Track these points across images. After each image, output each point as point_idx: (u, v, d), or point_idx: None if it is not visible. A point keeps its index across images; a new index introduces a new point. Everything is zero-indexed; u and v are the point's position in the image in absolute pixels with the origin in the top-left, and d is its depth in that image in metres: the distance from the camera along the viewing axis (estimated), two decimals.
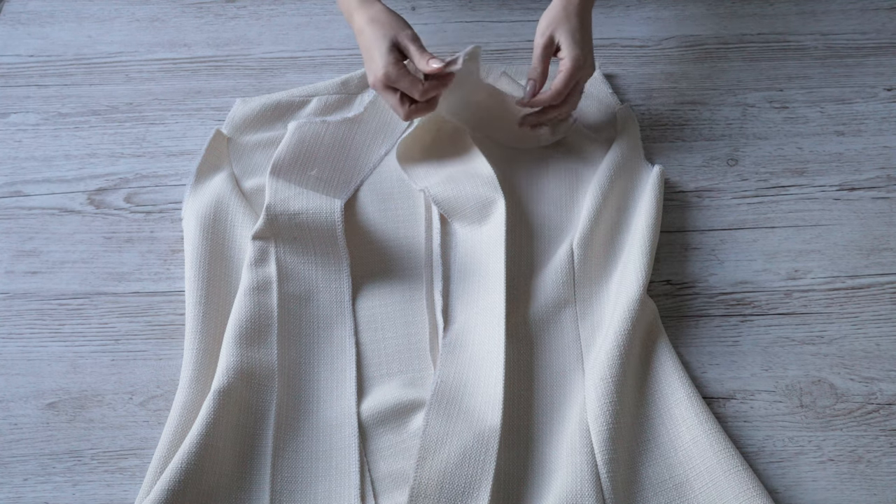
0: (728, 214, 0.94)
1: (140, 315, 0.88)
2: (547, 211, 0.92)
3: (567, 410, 0.80)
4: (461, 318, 0.85)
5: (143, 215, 0.94)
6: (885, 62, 1.06)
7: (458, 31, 1.09)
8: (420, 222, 0.92)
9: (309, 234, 0.87)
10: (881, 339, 0.86)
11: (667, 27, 1.10)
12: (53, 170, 0.98)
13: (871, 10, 1.10)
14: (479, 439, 0.76)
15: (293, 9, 1.12)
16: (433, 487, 0.74)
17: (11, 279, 0.90)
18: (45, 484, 0.79)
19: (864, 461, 0.79)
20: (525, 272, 0.88)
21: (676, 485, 0.76)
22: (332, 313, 0.86)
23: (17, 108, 1.04)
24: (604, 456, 0.75)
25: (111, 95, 1.04)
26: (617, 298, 0.85)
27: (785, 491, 0.78)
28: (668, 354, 0.82)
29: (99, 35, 1.10)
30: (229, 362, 0.79)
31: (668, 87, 1.04)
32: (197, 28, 1.11)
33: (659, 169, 0.92)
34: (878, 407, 0.82)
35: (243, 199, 0.91)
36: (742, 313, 0.87)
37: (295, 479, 0.77)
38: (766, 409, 0.82)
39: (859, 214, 0.94)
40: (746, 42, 1.08)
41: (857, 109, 1.02)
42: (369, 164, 0.96)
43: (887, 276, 0.89)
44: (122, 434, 0.81)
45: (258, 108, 0.99)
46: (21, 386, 0.84)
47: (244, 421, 0.79)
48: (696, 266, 0.91)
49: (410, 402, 0.80)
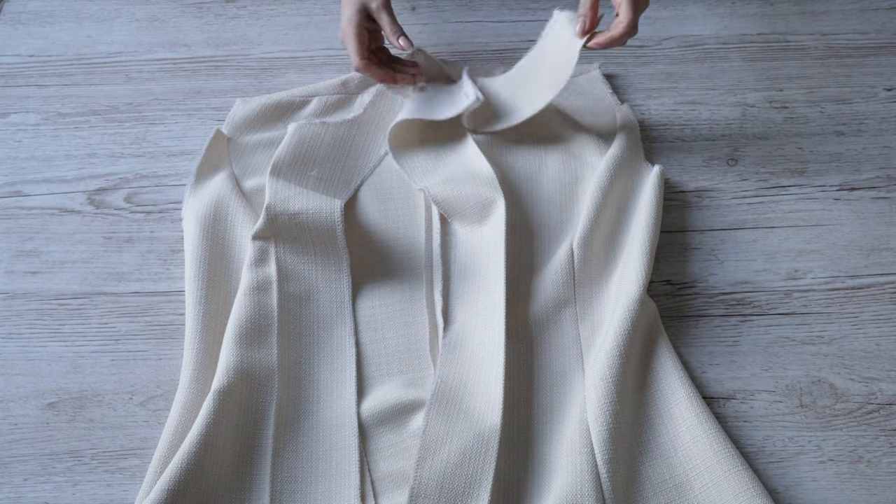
0: (728, 214, 0.94)
1: (140, 315, 0.88)
2: (547, 211, 0.92)
3: (567, 410, 0.80)
4: (461, 318, 0.85)
5: (143, 215, 0.94)
6: (885, 62, 1.06)
7: (458, 31, 1.09)
8: (420, 222, 0.92)
9: (309, 234, 0.87)
10: (881, 339, 0.86)
11: (667, 27, 1.10)
12: (53, 170, 0.98)
13: (871, 10, 1.10)
14: (479, 439, 0.76)
15: (293, 9, 1.12)
16: (433, 487, 0.74)
17: (11, 279, 0.90)
18: (45, 484, 0.79)
19: (864, 461, 0.79)
20: (525, 272, 0.88)
21: (676, 485, 0.76)
22: (332, 313, 0.86)
23: (17, 108, 1.04)
24: (604, 456, 0.75)
25: (111, 95, 1.04)
26: (617, 298, 0.85)
27: (785, 491, 0.78)
28: (668, 354, 0.82)
29: (99, 35, 1.10)
30: (229, 362, 0.79)
31: (668, 87, 1.04)
32: (197, 28, 1.11)
33: (659, 169, 0.92)
34: (878, 407, 0.82)
35: (243, 199, 0.92)
36: (742, 313, 0.88)
37: (295, 479, 0.77)
38: (766, 409, 0.82)
39: (859, 214, 0.94)
40: (746, 42, 1.08)
41: (857, 109, 1.02)
42: (369, 164, 0.96)
43: (887, 276, 0.89)
44: (122, 434, 0.81)
45: (258, 108, 0.99)
46: (21, 386, 0.84)
47: (244, 421, 0.79)
48: (696, 266, 0.91)
49: (410, 402, 0.80)
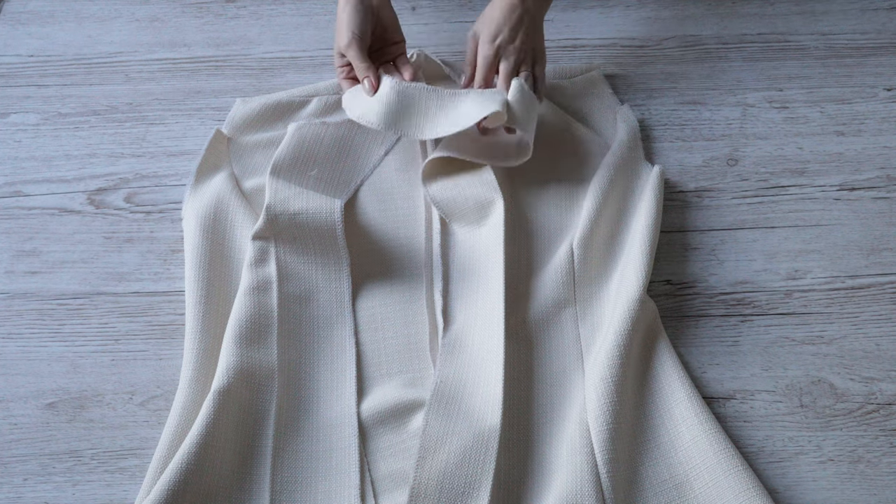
0: (728, 214, 0.94)
1: (140, 315, 0.88)
2: (547, 211, 0.92)
3: (567, 410, 0.80)
4: (461, 318, 0.85)
5: (143, 215, 0.94)
6: (885, 62, 1.06)
7: (458, 31, 1.09)
8: (420, 222, 0.92)
9: (309, 234, 0.87)
10: (881, 339, 0.86)
11: (667, 27, 1.10)
12: (53, 170, 0.98)
13: (871, 10, 1.10)
14: (479, 439, 0.76)
15: (293, 9, 1.12)
16: (433, 487, 0.74)
17: (11, 279, 0.90)
18: (45, 484, 0.79)
19: (864, 461, 0.79)
20: (525, 272, 0.88)
21: (676, 485, 0.76)
22: (332, 313, 0.86)
23: (17, 108, 1.04)
24: (604, 456, 0.75)
25: (111, 95, 1.04)
26: (617, 298, 0.85)
27: (785, 491, 0.78)
28: (668, 354, 0.82)
29: (99, 35, 1.10)
30: (229, 362, 0.79)
31: (668, 87, 1.04)
32: (197, 28, 1.11)
33: (659, 169, 0.92)
34: (878, 407, 0.82)
35: (243, 199, 0.91)
36: (742, 313, 0.88)
37: (295, 479, 0.77)
38: (766, 409, 0.82)
39: (859, 214, 0.94)
40: (746, 42, 1.08)
41: (857, 109, 1.02)
42: (369, 164, 0.96)
43: (887, 276, 0.89)
44: (122, 434, 0.81)
45: (258, 108, 0.99)
46: (21, 386, 0.84)
47: (244, 421, 0.79)
48: (696, 266, 0.91)
49: (410, 402, 0.80)
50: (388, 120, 0.88)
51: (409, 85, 0.89)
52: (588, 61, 1.06)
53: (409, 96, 0.89)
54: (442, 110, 0.89)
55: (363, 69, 0.90)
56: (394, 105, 0.88)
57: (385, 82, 0.89)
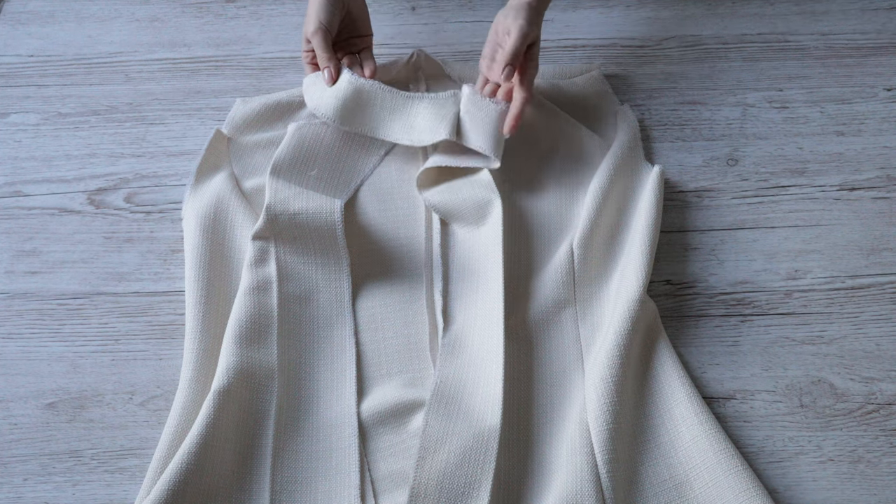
0: (728, 214, 0.94)
1: (140, 315, 0.88)
2: (547, 211, 0.92)
3: (567, 410, 0.80)
4: (461, 319, 0.85)
5: (143, 215, 0.94)
6: (885, 62, 1.06)
7: (458, 31, 1.09)
8: (420, 222, 0.92)
9: (309, 234, 0.87)
10: (881, 339, 0.86)
11: (667, 27, 1.10)
12: (53, 170, 0.98)
13: (871, 10, 1.10)
14: (479, 439, 0.76)
15: (293, 9, 1.12)
16: (433, 487, 0.74)
17: (11, 279, 0.90)
18: (45, 484, 0.79)
19: (864, 461, 0.79)
20: (525, 272, 0.88)
21: (676, 485, 0.76)
22: (332, 313, 0.86)
23: (17, 108, 1.04)
24: (604, 456, 0.75)
25: (111, 95, 1.04)
26: (617, 298, 0.85)
27: (785, 491, 0.78)
28: (668, 354, 0.82)
29: (99, 35, 1.10)
30: (229, 362, 0.79)
31: (668, 87, 1.04)
32: (197, 28, 1.11)
33: (659, 169, 0.92)
34: (878, 407, 0.82)
35: (243, 199, 0.91)
36: (742, 313, 0.88)
37: (295, 479, 0.77)
38: (766, 409, 0.82)
39: (859, 214, 0.94)
40: (746, 42, 1.08)
41: (857, 109, 1.02)
42: (369, 164, 0.96)
43: (887, 276, 0.89)
44: (122, 434, 0.81)
45: (258, 108, 0.99)
46: (21, 386, 0.84)
47: (244, 421, 0.79)
48: (696, 266, 0.91)
49: (410, 402, 0.80)
50: (342, 115, 0.92)
51: (365, 82, 0.93)
52: (588, 61, 1.06)
53: (364, 93, 0.92)
54: (394, 113, 0.92)
55: (325, 59, 0.93)
56: (349, 101, 0.92)
57: (344, 76, 0.93)
